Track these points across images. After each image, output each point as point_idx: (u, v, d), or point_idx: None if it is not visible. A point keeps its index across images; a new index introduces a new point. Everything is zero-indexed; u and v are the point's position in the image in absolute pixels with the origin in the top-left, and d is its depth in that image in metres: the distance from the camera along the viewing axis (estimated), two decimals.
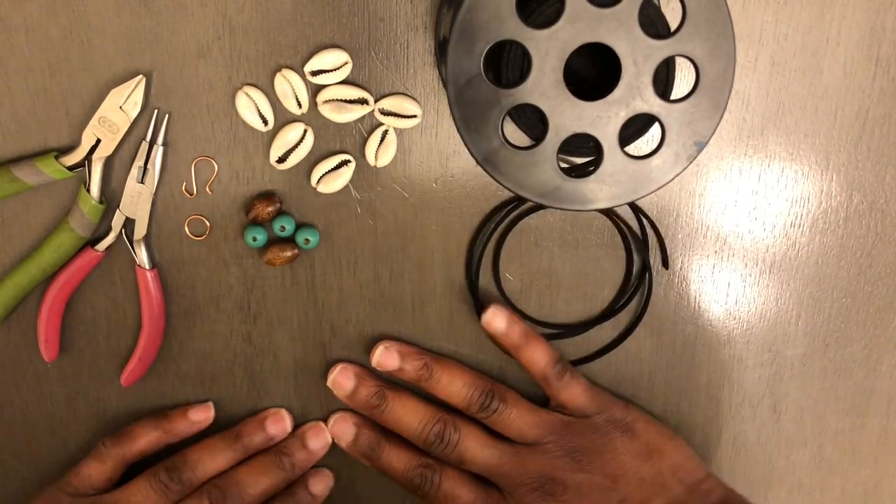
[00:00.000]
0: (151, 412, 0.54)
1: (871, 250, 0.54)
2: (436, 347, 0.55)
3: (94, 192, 0.49)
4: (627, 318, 0.55)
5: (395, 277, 0.53)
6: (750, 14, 0.49)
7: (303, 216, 0.51)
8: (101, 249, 0.50)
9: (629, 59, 0.38)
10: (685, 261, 0.54)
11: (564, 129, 0.39)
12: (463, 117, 0.38)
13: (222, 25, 0.48)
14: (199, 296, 0.53)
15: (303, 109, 0.49)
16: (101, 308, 0.53)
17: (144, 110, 0.49)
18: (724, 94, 0.39)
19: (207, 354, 0.54)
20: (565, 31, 0.37)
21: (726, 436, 0.58)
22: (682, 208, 0.53)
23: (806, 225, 0.53)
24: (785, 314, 0.55)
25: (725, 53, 0.38)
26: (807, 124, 0.51)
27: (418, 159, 0.51)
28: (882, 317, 0.56)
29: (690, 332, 0.56)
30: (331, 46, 0.48)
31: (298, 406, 0.56)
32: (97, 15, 0.47)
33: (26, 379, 0.54)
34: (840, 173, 0.52)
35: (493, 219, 0.52)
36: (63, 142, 0.49)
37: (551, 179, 0.39)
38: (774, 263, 0.54)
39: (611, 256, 0.54)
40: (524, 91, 0.38)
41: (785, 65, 0.50)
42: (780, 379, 0.57)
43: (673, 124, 0.39)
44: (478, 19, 0.37)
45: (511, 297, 0.54)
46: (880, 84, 0.51)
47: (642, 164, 0.39)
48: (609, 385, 0.56)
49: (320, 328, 0.54)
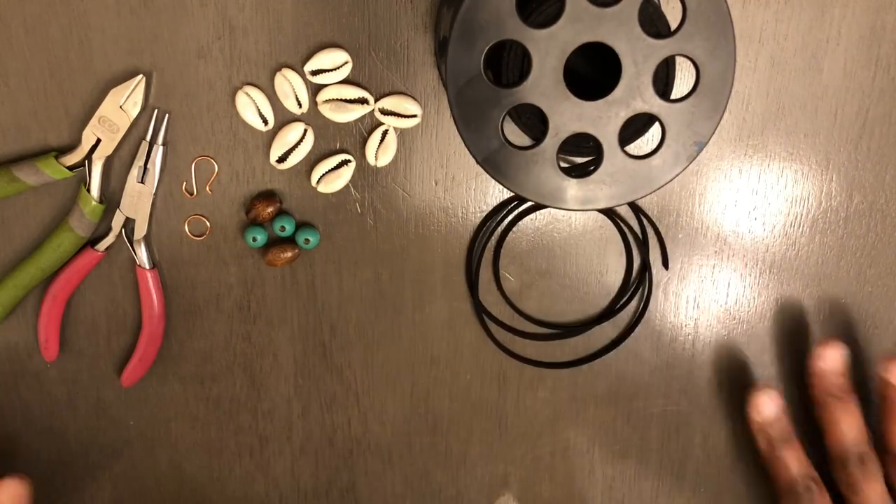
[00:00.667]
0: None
1: (871, 250, 0.54)
2: (436, 349, 0.55)
3: (94, 192, 0.49)
4: (627, 318, 0.55)
5: (395, 277, 0.53)
6: (750, 14, 0.49)
7: (303, 216, 0.51)
8: (101, 249, 0.50)
9: (629, 59, 0.38)
10: (685, 261, 0.54)
11: (564, 128, 0.39)
12: (463, 117, 0.38)
13: (222, 25, 0.48)
14: (199, 296, 0.53)
15: (303, 109, 0.49)
16: (101, 308, 0.53)
17: (144, 110, 0.49)
18: (725, 94, 0.39)
19: (207, 354, 0.54)
20: (565, 31, 0.37)
21: (727, 434, 0.58)
22: (683, 208, 0.53)
23: (806, 225, 0.53)
24: (784, 313, 0.55)
25: (726, 53, 0.38)
26: (807, 124, 0.51)
27: (418, 159, 0.51)
28: (882, 317, 0.56)
29: (690, 332, 0.55)
30: (331, 46, 0.48)
31: (298, 406, 0.56)
32: (97, 14, 0.47)
33: (26, 379, 0.54)
34: (840, 173, 0.52)
35: (492, 218, 0.52)
36: (63, 142, 0.49)
37: (551, 179, 0.39)
38: (774, 263, 0.54)
39: (611, 256, 0.53)
40: (524, 91, 0.38)
41: (785, 65, 0.50)
42: (781, 379, 0.57)
43: (673, 124, 0.39)
44: (478, 19, 0.37)
45: (511, 297, 0.54)
46: (880, 84, 0.51)
47: (642, 164, 0.39)
48: (609, 385, 0.56)
49: (320, 328, 0.54)
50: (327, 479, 0.58)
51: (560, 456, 0.58)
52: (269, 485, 0.58)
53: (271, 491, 0.58)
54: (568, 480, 0.59)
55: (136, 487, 0.58)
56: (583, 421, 0.57)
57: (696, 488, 0.59)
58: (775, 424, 0.52)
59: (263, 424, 0.56)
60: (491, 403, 0.56)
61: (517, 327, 0.55)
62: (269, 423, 0.56)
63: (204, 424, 0.56)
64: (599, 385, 0.56)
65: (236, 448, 0.57)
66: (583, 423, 0.57)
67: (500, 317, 0.55)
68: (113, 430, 0.55)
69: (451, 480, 0.58)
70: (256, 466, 0.57)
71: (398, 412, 0.56)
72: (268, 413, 0.56)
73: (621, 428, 0.57)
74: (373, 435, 0.57)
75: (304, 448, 0.57)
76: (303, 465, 0.57)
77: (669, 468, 0.58)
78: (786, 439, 0.52)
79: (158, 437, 0.56)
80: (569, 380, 0.56)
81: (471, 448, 0.58)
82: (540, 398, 0.55)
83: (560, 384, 0.56)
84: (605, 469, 0.58)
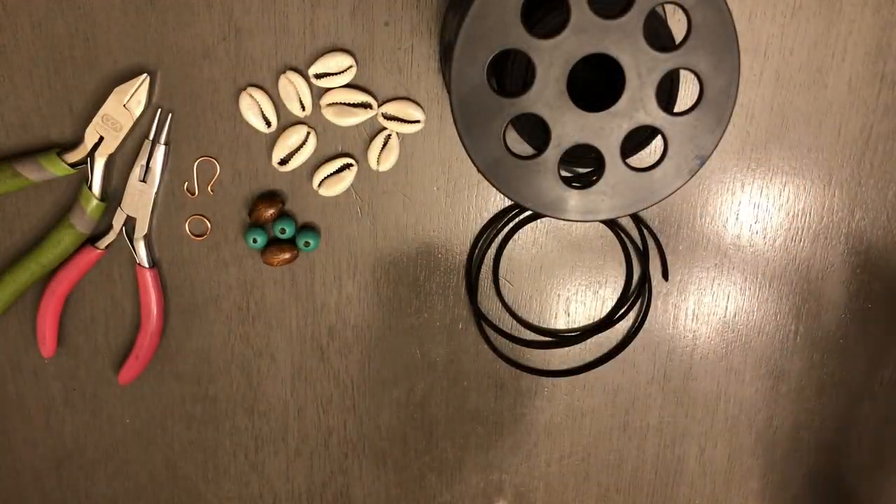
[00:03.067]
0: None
1: (872, 267, 0.54)
2: (434, 354, 0.55)
3: (96, 190, 0.49)
4: (626, 328, 0.55)
5: (394, 282, 0.53)
6: (756, 27, 0.49)
7: (304, 218, 0.51)
8: (102, 247, 0.50)
9: (633, 71, 0.38)
10: (685, 272, 0.54)
11: (567, 139, 0.38)
12: (465, 125, 0.38)
13: (228, 26, 0.48)
14: (198, 295, 0.53)
15: (306, 112, 0.49)
16: (100, 305, 0.53)
17: (148, 109, 0.49)
18: (728, 108, 0.39)
19: (205, 354, 0.54)
20: (570, 42, 0.37)
21: (722, 447, 0.57)
22: (684, 220, 0.53)
23: (807, 240, 0.53)
24: (783, 328, 0.55)
25: (730, 68, 0.38)
26: (810, 139, 0.51)
27: (420, 164, 0.51)
28: (881, 334, 0.56)
29: (688, 344, 0.55)
30: (336, 50, 0.48)
31: (294, 408, 0.55)
32: (103, 13, 0.47)
33: (24, 374, 0.54)
34: (842, 189, 0.52)
35: (493, 226, 0.52)
36: (66, 138, 0.49)
37: (552, 189, 0.39)
38: (774, 277, 0.54)
39: (611, 266, 0.53)
40: (527, 100, 0.38)
41: (790, 79, 0.50)
42: (777, 393, 0.57)
43: (675, 137, 0.39)
44: (483, 27, 0.37)
45: (510, 304, 0.54)
46: (885, 101, 0.50)
47: (644, 177, 0.39)
48: (607, 395, 0.56)
49: (318, 331, 0.54)
50: (322, 481, 0.58)
51: (556, 464, 0.58)
52: (263, 486, 0.58)
53: (265, 492, 0.58)
54: (563, 489, 0.59)
55: (131, 485, 0.58)
56: (579, 430, 0.57)
57: (690, 501, 0.58)
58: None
59: (259, 425, 0.56)
60: (487, 410, 0.56)
61: (516, 335, 0.55)
62: (265, 425, 0.56)
63: (200, 424, 0.56)
64: (596, 394, 0.56)
65: (232, 448, 0.57)
66: (579, 432, 0.57)
67: (498, 324, 0.54)
68: (109, 428, 0.55)
69: (446, 486, 0.58)
70: (251, 467, 0.57)
71: (394, 417, 0.56)
72: (264, 414, 0.56)
73: (617, 437, 0.57)
74: (368, 439, 0.57)
75: (299, 450, 0.57)
76: (298, 467, 0.57)
77: (664, 479, 0.58)
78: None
79: (154, 435, 0.56)
80: (566, 388, 0.56)
81: (466, 455, 0.57)
82: (537, 406, 0.55)
83: (557, 392, 0.56)
84: (601, 478, 0.58)
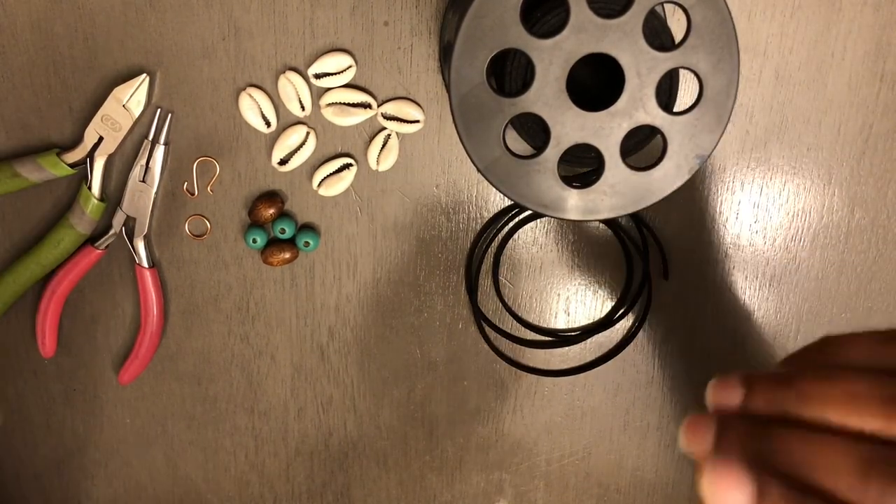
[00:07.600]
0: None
1: (872, 266, 0.54)
2: (434, 354, 0.55)
3: (96, 190, 0.49)
4: (627, 328, 0.55)
5: (394, 281, 0.53)
6: (755, 26, 0.49)
7: (304, 218, 0.51)
8: (101, 247, 0.50)
9: (633, 71, 0.38)
10: (685, 272, 0.54)
11: (566, 139, 0.38)
12: (465, 125, 0.38)
13: (227, 26, 0.48)
14: (198, 296, 0.53)
15: (306, 112, 0.49)
16: (100, 306, 0.53)
17: (147, 109, 0.49)
18: (728, 107, 0.39)
19: (205, 354, 0.54)
20: (569, 41, 0.37)
21: None
22: (684, 220, 0.53)
23: (807, 239, 0.53)
24: (784, 328, 0.55)
25: (729, 67, 0.38)
26: (810, 138, 0.51)
27: (420, 164, 0.51)
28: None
29: (689, 344, 0.55)
30: (335, 49, 0.48)
31: (294, 408, 0.55)
32: (102, 12, 0.47)
33: (23, 374, 0.54)
34: (842, 188, 0.52)
35: (493, 225, 0.52)
36: (65, 138, 0.49)
37: (552, 189, 0.39)
38: (774, 277, 0.54)
39: (611, 265, 0.53)
40: (527, 100, 0.38)
41: (789, 78, 0.50)
42: None
43: (675, 136, 0.39)
44: (482, 27, 0.37)
45: (510, 304, 0.54)
46: (884, 100, 0.50)
47: (644, 176, 0.39)
48: (607, 394, 0.56)
49: (318, 331, 0.54)
50: (322, 481, 0.58)
51: (556, 463, 0.58)
52: (263, 485, 0.58)
53: (266, 492, 0.58)
54: (563, 488, 0.59)
55: (131, 485, 0.58)
56: (579, 429, 0.57)
57: (690, 500, 0.58)
58: None
59: (259, 425, 0.56)
60: (488, 409, 0.56)
61: (516, 334, 0.55)
62: (265, 424, 0.56)
63: (200, 424, 0.56)
64: (596, 394, 0.56)
65: (232, 448, 0.57)
66: (579, 431, 0.57)
67: (498, 323, 0.54)
68: (109, 428, 0.55)
69: (447, 486, 0.58)
70: (251, 467, 0.57)
71: (394, 416, 0.56)
72: (264, 414, 0.56)
73: (617, 437, 0.57)
74: (368, 438, 0.57)
75: (299, 450, 0.57)
76: (298, 467, 0.57)
77: (665, 480, 0.58)
78: None
79: (154, 435, 0.56)
80: (566, 388, 0.56)
81: (466, 454, 0.57)
82: (536, 406, 0.55)
83: (557, 392, 0.56)
84: (601, 478, 0.58)
